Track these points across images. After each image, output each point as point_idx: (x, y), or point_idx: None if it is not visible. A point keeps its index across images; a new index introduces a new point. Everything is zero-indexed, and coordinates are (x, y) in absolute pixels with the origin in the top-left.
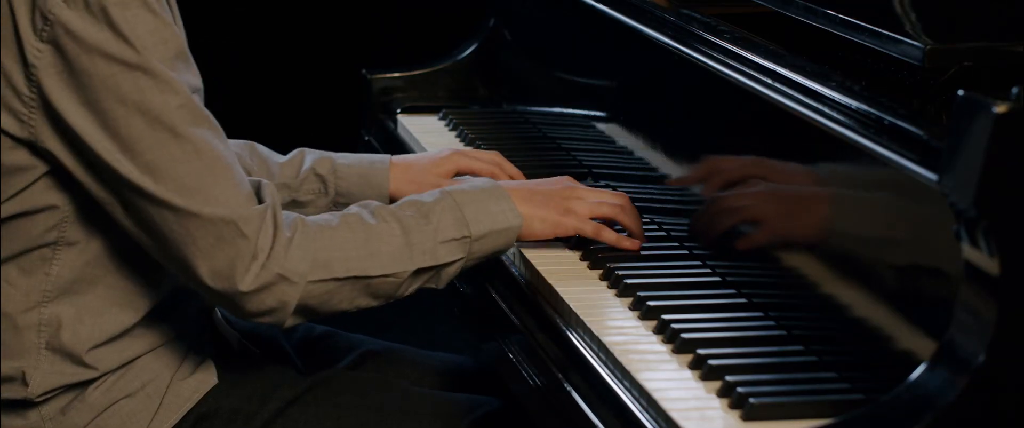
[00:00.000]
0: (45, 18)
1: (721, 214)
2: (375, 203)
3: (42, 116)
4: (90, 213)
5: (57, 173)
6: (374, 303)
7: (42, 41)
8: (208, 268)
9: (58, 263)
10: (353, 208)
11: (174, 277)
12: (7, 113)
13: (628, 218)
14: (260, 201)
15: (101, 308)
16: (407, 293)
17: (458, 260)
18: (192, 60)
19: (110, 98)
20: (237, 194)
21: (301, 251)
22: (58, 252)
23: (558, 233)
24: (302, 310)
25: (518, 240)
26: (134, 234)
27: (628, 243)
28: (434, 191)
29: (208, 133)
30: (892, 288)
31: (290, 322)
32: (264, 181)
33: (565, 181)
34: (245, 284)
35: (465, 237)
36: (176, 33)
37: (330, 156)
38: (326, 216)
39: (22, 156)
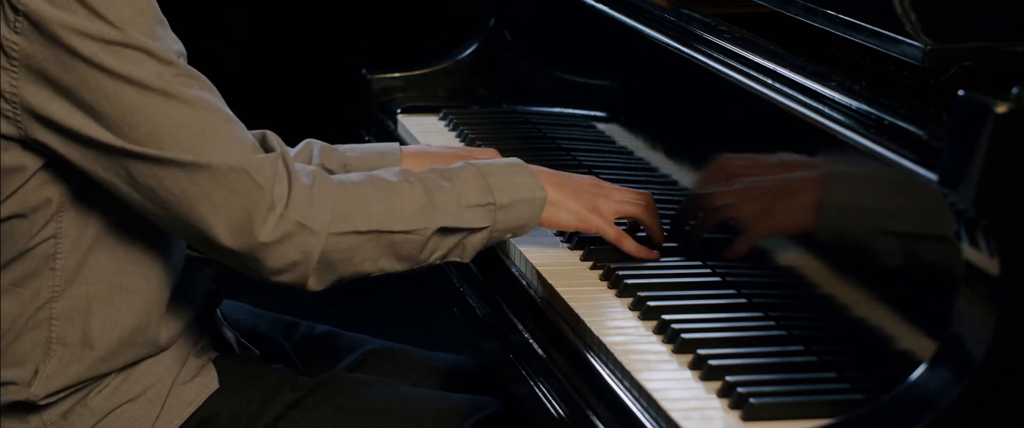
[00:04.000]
0: (15, 9)
1: (720, 214)
2: (398, 167)
3: (28, 111)
4: (84, 199)
5: (52, 166)
6: (398, 267)
7: (16, 33)
8: (225, 224)
9: (62, 256)
10: (376, 170)
11: (178, 266)
12: None
13: (650, 217)
14: (268, 150)
15: (110, 296)
16: (432, 259)
17: (484, 228)
18: (167, 24)
19: (97, 76)
20: (241, 142)
21: (321, 201)
22: (59, 244)
23: (581, 228)
24: (324, 267)
25: (545, 226)
26: (144, 208)
27: (647, 254)
28: (458, 163)
29: (201, 91)
30: (892, 288)
31: (313, 282)
32: (267, 131)
33: (591, 179)
34: (264, 234)
35: (490, 204)
36: (150, 1)
37: (338, 149)
38: (349, 175)
39: (15, 155)
